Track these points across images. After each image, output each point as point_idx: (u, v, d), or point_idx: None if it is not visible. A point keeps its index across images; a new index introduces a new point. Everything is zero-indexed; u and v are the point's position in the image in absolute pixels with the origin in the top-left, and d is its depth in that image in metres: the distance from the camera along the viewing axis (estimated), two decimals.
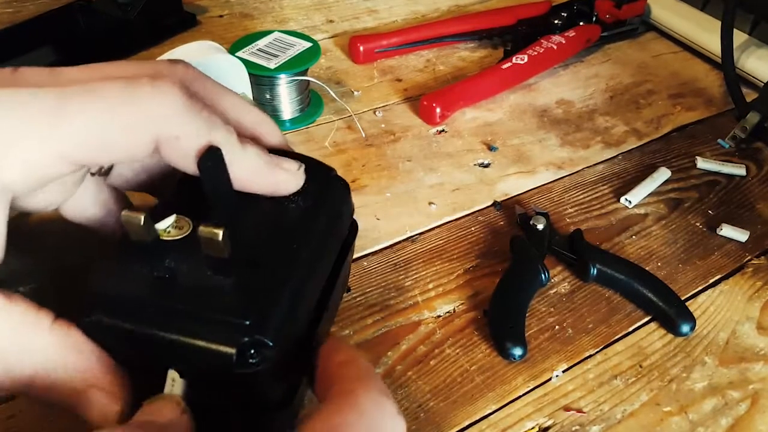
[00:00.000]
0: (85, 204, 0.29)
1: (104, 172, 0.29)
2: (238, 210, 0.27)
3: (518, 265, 0.41)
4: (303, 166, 0.29)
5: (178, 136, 0.24)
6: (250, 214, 0.27)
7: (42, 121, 0.22)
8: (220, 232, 0.23)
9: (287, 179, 0.28)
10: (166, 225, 0.25)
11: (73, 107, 0.22)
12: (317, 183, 0.30)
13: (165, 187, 0.31)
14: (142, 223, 0.24)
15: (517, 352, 0.37)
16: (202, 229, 0.23)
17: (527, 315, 0.40)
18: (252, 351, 0.23)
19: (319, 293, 0.28)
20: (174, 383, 0.23)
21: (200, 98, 0.25)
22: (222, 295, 0.24)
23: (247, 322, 0.23)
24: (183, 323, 0.23)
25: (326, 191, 0.31)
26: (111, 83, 0.23)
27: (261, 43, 0.54)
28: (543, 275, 0.40)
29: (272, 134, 0.31)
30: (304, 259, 0.27)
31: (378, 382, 0.23)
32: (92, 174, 0.29)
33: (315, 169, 0.31)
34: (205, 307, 0.23)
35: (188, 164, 0.25)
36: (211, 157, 0.25)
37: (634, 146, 0.55)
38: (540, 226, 0.43)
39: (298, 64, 0.52)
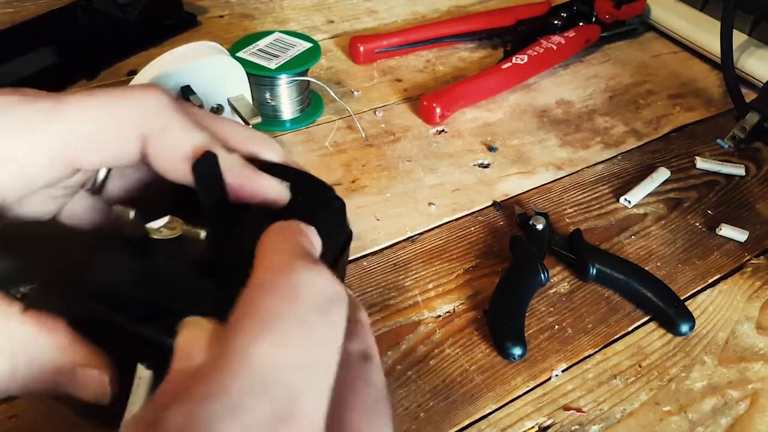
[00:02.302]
0: (80, 212, 0.29)
1: (97, 189, 0.29)
2: (232, 218, 0.27)
3: (518, 265, 0.42)
4: (287, 184, 0.28)
5: (163, 128, 0.24)
6: (243, 225, 0.27)
7: (33, 122, 0.23)
8: (202, 233, 0.24)
9: (272, 185, 0.27)
10: (159, 225, 0.26)
11: (65, 107, 0.23)
12: (313, 199, 0.30)
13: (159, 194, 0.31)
14: (132, 217, 0.24)
15: (517, 351, 0.37)
16: (186, 229, 0.24)
17: (527, 315, 0.40)
18: None
19: None
20: (140, 381, 0.23)
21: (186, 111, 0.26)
22: (203, 296, 0.24)
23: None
24: (161, 320, 0.23)
25: (322, 208, 0.31)
26: (104, 89, 0.24)
27: (261, 43, 0.54)
28: (542, 275, 0.41)
29: (270, 149, 0.30)
30: None
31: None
32: (86, 190, 0.29)
33: (313, 186, 0.31)
34: (184, 305, 0.24)
35: (173, 167, 0.25)
36: (206, 162, 0.25)
37: (634, 146, 0.55)
38: (539, 226, 0.43)
39: (298, 65, 0.52)
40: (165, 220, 0.26)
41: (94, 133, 0.24)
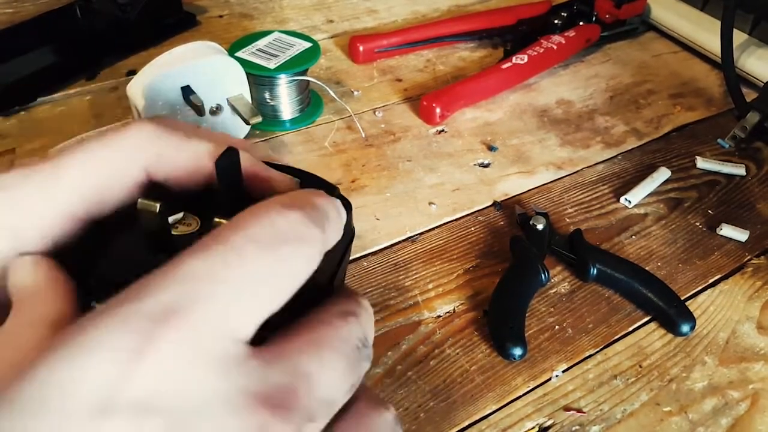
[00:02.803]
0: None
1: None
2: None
3: (518, 265, 0.41)
4: (297, 180, 0.29)
5: (159, 154, 0.25)
6: None
7: (41, 189, 0.24)
8: None
9: (283, 179, 0.28)
10: (174, 220, 0.26)
11: (64, 170, 0.24)
12: None
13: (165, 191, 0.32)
14: (157, 211, 0.24)
15: (517, 352, 0.37)
16: (216, 221, 0.24)
17: (527, 315, 0.40)
18: None
19: (315, 296, 0.29)
20: None
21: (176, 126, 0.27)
22: None
23: None
24: None
25: None
26: (94, 139, 0.25)
27: (261, 43, 0.54)
28: (543, 275, 0.40)
29: (260, 154, 0.31)
30: None
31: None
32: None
33: (319, 185, 0.31)
34: None
35: (184, 182, 0.26)
36: (228, 157, 0.25)
37: (634, 146, 0.55)
38: (540, 226, 0.43)
39: (297, 64, 0.52)
40: (179, 215, 0.27)
41: (97, 187, 0.24)
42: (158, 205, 0.25)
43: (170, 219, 0.26)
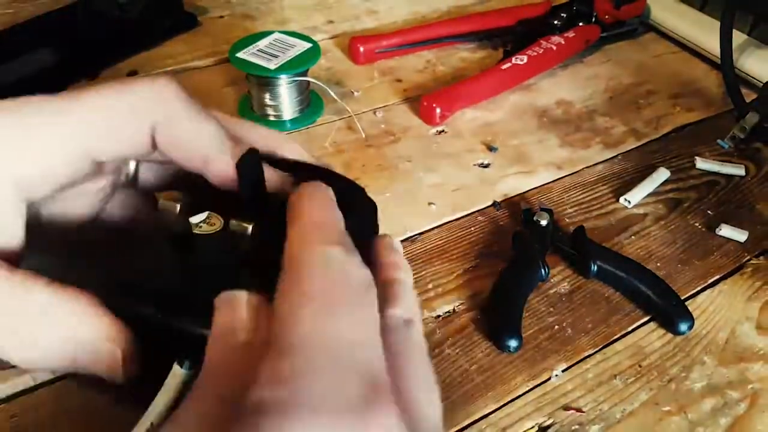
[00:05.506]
0: (117, 209, 0.29)
1: (130, 181, 0.29)
2: (272, 213, 0.27)
3: (519, 259, 0.42)
4: (286, 174, 0.29)
5: (170, 117, 0.25)
6: (278, 221, 0.28)
7: (50, 116, 0.23)
8: (249, 227, 0.25)
9: (272, 176, 0.28)
10: (198, 220, 0.26)
11: (79, 101, 0.24)
12: (344, 197, 0.30)
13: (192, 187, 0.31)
14: (177, 211, 0.25)
15: (513, 343, 0.37)
16: (233, 223, 0.25)
17: (527, 314, 0.40)
18: None
19: None
20: (173, 377, 0.23)
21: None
22: (241, 286, 0.24)
23: None
24: (203, 314, 0.23)
25: (352, 206, 0.31)
26: (118, 80, 0.25)
27: (261, 43, 0.54)
28: (543, 270, 0.41)
29: (289, 148, 0.31)
30: None
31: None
32: (121, 185, 0.29)
33: (344, 185, 0.31)
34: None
35: (182, 155, 0.25)
36: (249, 160, 0.26)
37: (634, 146, 0.55)
38: (543, 222, 0.43)
39: (298, 65, 0.52)
40: (204, 215, 0.27)
41: (104, 122, 0.24)
42: (179, 206, 0.25)
43: (195, 218, 0.26)
